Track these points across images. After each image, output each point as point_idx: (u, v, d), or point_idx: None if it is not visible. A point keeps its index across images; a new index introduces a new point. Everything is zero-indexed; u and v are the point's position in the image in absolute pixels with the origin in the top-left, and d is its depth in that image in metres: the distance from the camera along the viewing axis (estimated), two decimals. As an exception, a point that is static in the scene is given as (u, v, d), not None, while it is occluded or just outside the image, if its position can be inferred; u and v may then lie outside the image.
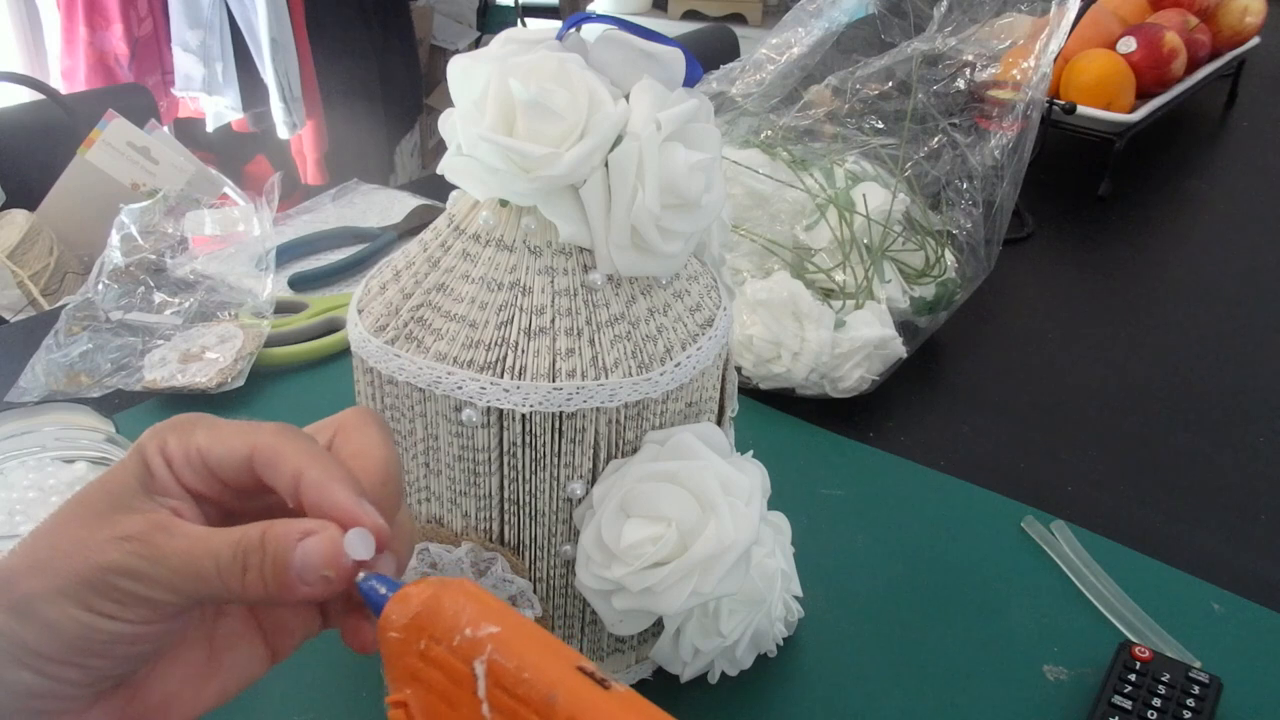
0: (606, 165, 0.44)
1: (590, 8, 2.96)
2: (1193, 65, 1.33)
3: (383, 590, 0.31)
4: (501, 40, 0.46)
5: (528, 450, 0.46)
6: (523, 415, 0.45)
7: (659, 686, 0.55)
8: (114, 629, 0.30)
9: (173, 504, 0.33)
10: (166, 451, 0.33)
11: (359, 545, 0.31)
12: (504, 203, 0.46)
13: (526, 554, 0.48)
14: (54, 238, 1.28)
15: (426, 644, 0.30)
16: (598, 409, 0.45)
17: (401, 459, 0.49)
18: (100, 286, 0.88)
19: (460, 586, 0.31)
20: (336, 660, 0.56)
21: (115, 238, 0.93)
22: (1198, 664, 0.56)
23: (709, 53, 1.72)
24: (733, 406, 0.56)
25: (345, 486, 0.32)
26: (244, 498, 0.34)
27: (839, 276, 0.81)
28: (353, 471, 0.33)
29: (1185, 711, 0.52)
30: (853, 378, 0.76)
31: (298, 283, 0.93)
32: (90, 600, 0.30)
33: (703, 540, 0.45)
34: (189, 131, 2.11)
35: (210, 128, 2.09)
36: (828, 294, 0.81)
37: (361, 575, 0.32)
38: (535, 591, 0.49)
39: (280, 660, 0.36)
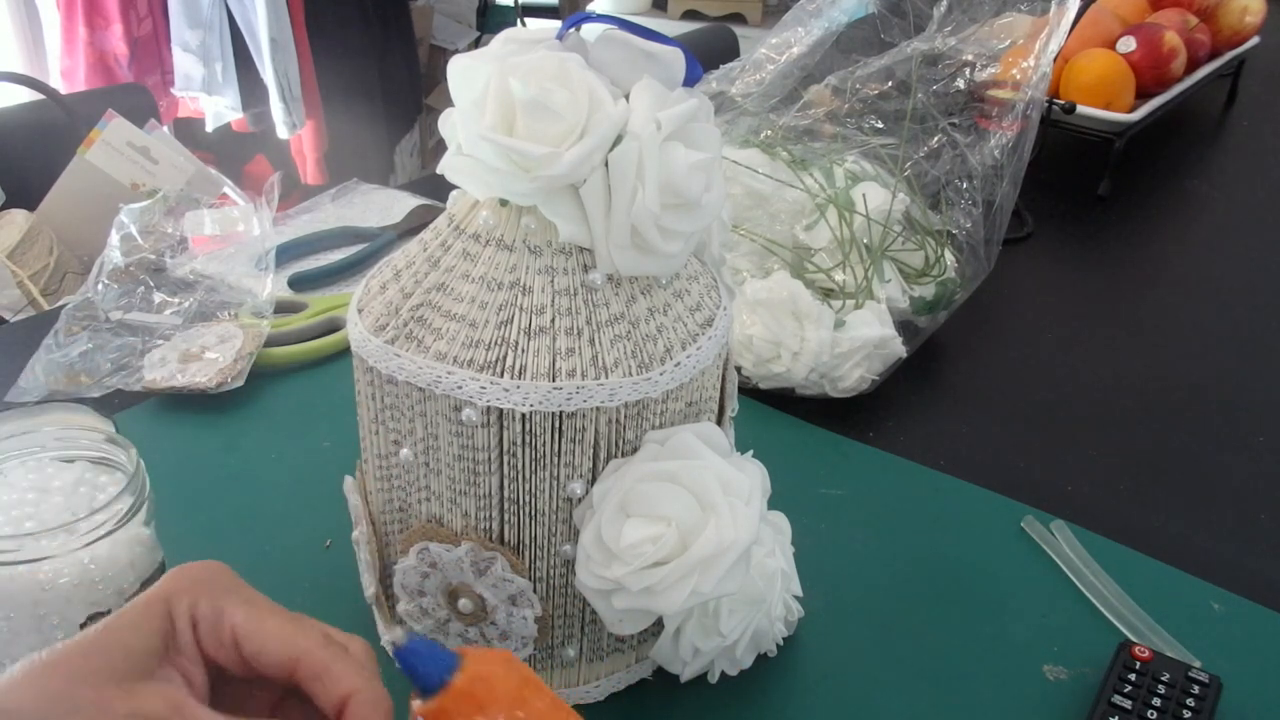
0: (606, 165, 0.44)
1: (590, 8, 2.96)
2: (1192, 65, 1.33)
3: (426, 664, 0.33)
4: (501, 40, 0.46)
5: (528, 450, 0.46)
6: (523, 415, 0.45)
7: (659, 686, 0.55)
8: None
9: (188, 668, 0.33)
10: (196, 613, 0.33)
11: None
12: (504, 202, 0.46)
13: (526, 553, 0.48)
14: (54, 238, 1.28)
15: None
16: (598, 408, 0.45)
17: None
18: (100, 286, 0.88)
19: (516, 664, 0.33)
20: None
21: (115, 238, 0.93)
22: (1198, 664, 0.56)
23: (709, 53, 1.72)
24: (733, 406, 0.56)
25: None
26: (254, 673, 0.34)
27: (839, 276, 0.81)
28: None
29: (1185, 711, 0.52)
30: (852, 377, 0.76)
31: (298, 283, 0.93)
32: None
33: (703, 540, 0.45)
34: (189, 131, 2.10)
35: (210, 128, 2.09)
36: (828, 294, 0.81)
37: (403, 638, 0.33)
38: (535, 591, 0.49)
39: None
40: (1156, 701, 0.53)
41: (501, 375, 0.44)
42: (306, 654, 0.33)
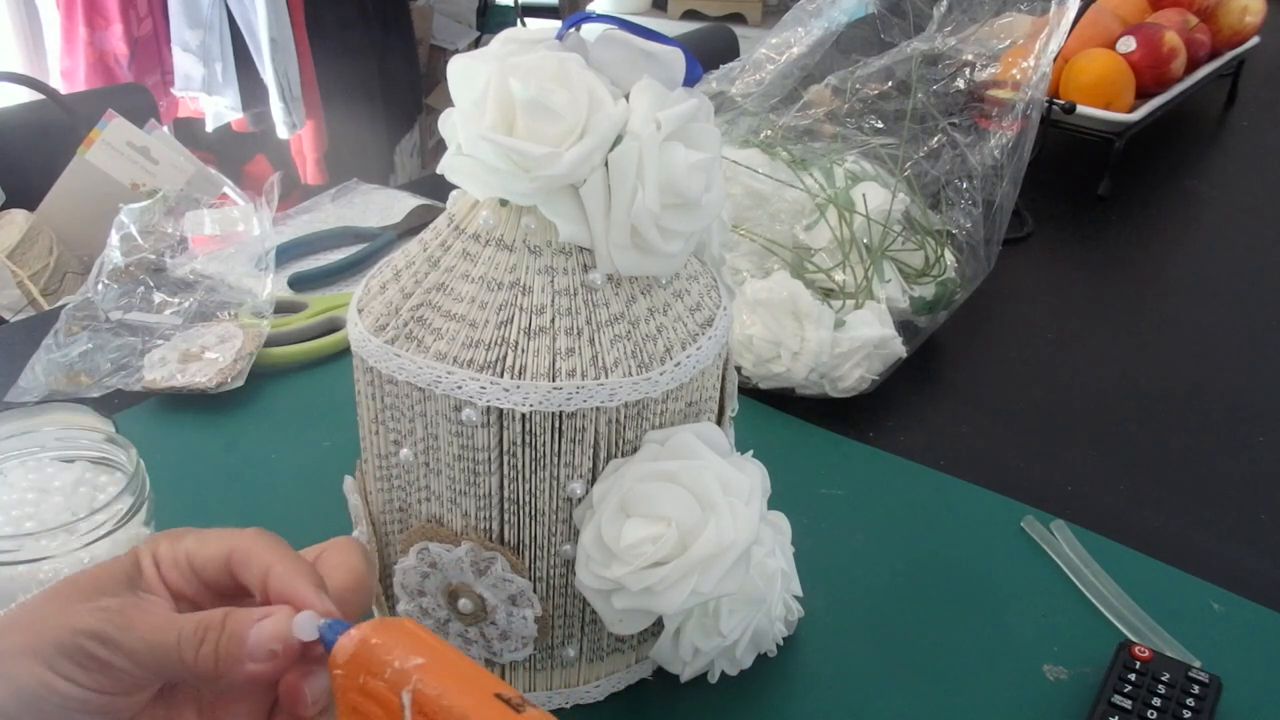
0: (606, 165, 0.44)
1: (590, 8, 2.96)
2: (1192, 65, 1.33)
3: (330, 631, 0.34)
4: (501, 40, 0.46)
5: (527, 450, 0.46)
6: (523, 415, 0.45)
7: (659, 686, 0.55)
8: (68, 691, 0.32)
9: (153, 600, 0.35)
10: (157, 554, 0.36)
11: (307, 626, 0.34)
12: (504, 202, 0.46)
13: (526, 553, 0.48)
14: (54, 238, 1.28)
15: (365, 679, 0.32)
16: (598, 408, 0.45)
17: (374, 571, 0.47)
18: (100, 286, 0.88)
19: (398, 624, 0.33)
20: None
21: (115, 238, 0.93)
22: (1198, 664, 0.56)
23: (709, 53, 1.72)
24: (733, 406, 0.56)
25: (306, 581, 0.35)
26: (223, 600, 0.36)
27: (839, 276, 0.81)
28: (325, 577, 0.36)
29: (1185, 711, 0.52)
30: (852, 377, 0.76)
31: (297, 283, 0.93)
32: (56, 662, 0.32)
33: (703, 540, 0.45)
34: (189, 131, 2.10)
35: (210, 128, 2.09)
36: (828, 294, 0.81)
37: (323, 622, 0.34)
38: (535, 591, 0.49)
39: None
40: (1156, 701, 0.53)
41: (501, 375, 0.44)
42: (237, 547, 0.36)
